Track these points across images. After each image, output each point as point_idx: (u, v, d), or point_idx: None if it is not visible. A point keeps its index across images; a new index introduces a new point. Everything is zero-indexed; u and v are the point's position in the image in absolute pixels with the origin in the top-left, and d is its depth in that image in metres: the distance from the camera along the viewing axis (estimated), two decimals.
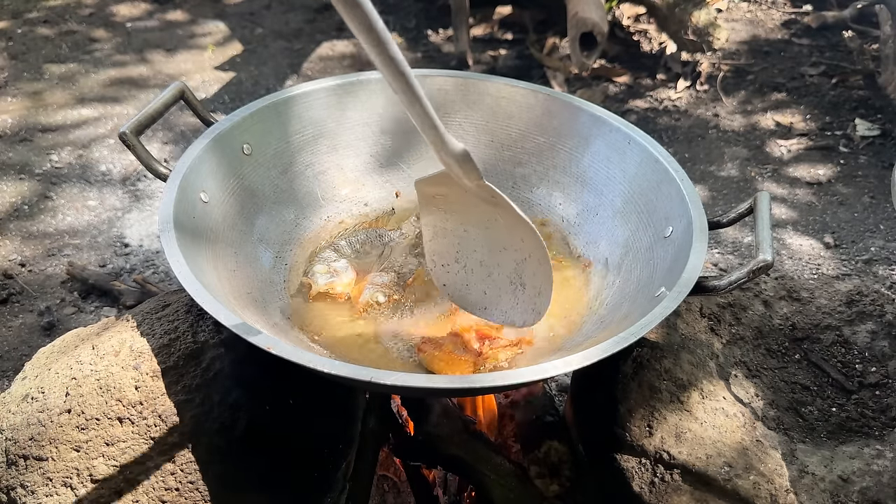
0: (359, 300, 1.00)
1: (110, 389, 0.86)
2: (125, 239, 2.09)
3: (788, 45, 3.11)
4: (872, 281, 1.94)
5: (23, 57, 3.01)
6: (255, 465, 0.86)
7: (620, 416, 0.92)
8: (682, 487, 0.88)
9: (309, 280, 1.01)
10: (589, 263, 1.07)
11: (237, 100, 2.79)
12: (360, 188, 1.19)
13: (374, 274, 1.03)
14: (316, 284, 1.00)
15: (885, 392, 0.98)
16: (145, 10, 3.48)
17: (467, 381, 0.72)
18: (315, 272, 1.02)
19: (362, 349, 0.95)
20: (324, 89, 1.14)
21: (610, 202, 1.09)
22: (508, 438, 1.23)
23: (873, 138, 2.52)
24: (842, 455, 0.90)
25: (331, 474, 0.91)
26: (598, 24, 2.49)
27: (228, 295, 0.88)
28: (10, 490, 0.83)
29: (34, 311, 1.84)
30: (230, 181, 1.03)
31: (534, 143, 1.18)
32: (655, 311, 0.78)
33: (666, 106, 2.75)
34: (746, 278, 0.82)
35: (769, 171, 2.40)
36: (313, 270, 1.02)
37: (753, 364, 1.02)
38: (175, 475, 0.82)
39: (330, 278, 1.01)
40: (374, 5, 0.60)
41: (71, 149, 2.46)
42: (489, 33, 3.27)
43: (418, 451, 1.11)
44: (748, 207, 0.93)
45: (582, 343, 0.92)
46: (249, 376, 0.89)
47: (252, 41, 3.22)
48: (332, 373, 0.70)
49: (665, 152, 1.03)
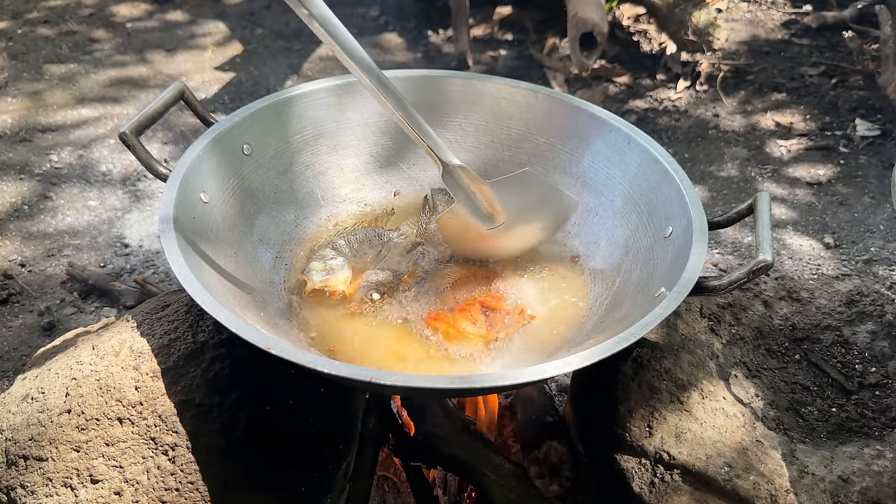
0: (353, 297, 1.00)
1: (110, 390, 0.86)
2: (125, 239, 2.09)
3: (788, 46, 3.11)
4: (872, 281, 1.94)
5: (23, 57, 3.01)
6: (255, 465, 0.86)
7: (620, 416, 0.92)
8: (682, 488, 0.88)
9: (304, 277, 1.01)
10: (577, 257, 1.08)
11: (237, 100, 2.79)
12: (360, 188, 1.19)
13: (370, 272, 1.03)
14: (311, 281, 1.00)
15: (884, 392, 0.98)
16: (145, 10, 3.48)
17: (467, 381, 0.72)
18: (311, 269, 1.02)
19: (362, 349, 0.95)
20: (324, 90, 1.14)
21: (610, 202, 1.09)
22: (508, 438, 1.23)
23: (873, 138, 2.52)
24: (842, 455, 0.90)
25: (331, 474, 0.91)
26: (598, 25, 2.50)
27: (228, 295, 0.88)
28: (9, 490, 0.83)
29: (34, 311, 1.84)
30: (230, 181, 1.03)
31: (534, 143, 1.18)
32: (655, 311, 0.78)
33: (666, 106, 2.75)
34: (746, 278, 0.82)
35: (769, 172, 2.40)
36: (309, 267, 1.03)
37: (753, 364, 1.02)
38: (175, 475, 0.82)
39: (326, 276, 1.01)
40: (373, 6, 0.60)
41: (71, 149, 2.46)
42: (489, 34, 3.28)
43: (418, 452, 1.11)
44: (748, 207, 0.93)
45: (582, 343, 0.92)
46: (249, 376, 0.89)
47: (252, 41, 3.22)
48: (331, 373, 0.70)
49: (665, 152, 1.03)
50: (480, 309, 0.98)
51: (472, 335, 0.95)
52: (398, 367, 0.92)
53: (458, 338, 0.95)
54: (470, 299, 0.99)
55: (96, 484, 0.81)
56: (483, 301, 0.99)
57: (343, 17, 0.82)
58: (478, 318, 0.97)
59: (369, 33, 3.24)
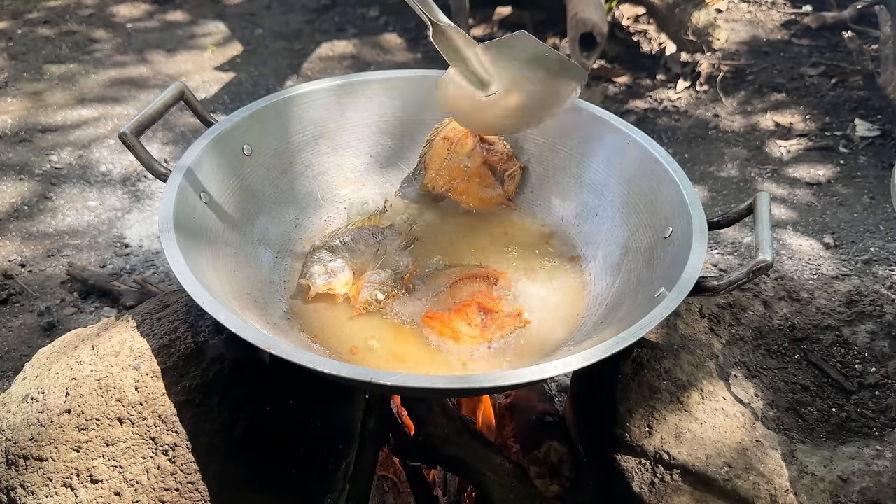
0: (357, 299, 1.00)
1: (110, 390, 0.86)
2: (125, 239, 2.09)
3: (788, 46, 3.11)
4: (872, 281, 1.94)
5: (23, 57, 3.02)
6: (255, 465, 0.86)
7: (620, 416, 0.92)
8: (681, 488, 0.88)
9: (307, 282, 1.01)
10: (577, 257, 1.08)
11: (237, 100, 2.79)
12: (360, 188, 1.19)
13: (371, 272, 1.03)
14: (315, 286, 1.00)
15: (884, 392, 0.98)
16: (145, 10, 3.48)
17: (467, 382, 0.72)
18: (312, 273, 1.02)
19: (362, 349, 0.95)
20: (324, 90, 1.14)
21: (610, 203, 1.09)
22: (508, 438, 1.23)
23: (873, 139, 2.52)
24: (841, 455, 0.90)
25: (331, 474, 0.91)
26: (598, 25, 2.50)
27: (228, 295, 0.88)
28: (9, 490, 0.83)
29: (34, 311, 1.84)
30: (230, 181, 1.03)
31: (533, 143, 1.18)
32: (655, 311, 0.78)
33: (666, 106, 2.75)
34: (746, 279, 0.82)
35: (769, 172, 2.40)
36: (311, 272, 1.02)
37: (753, 364, 1.02)
38: (175, 475, 0.82)
39: (328, 279, 1.01)
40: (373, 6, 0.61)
41: (71, 149, 2.47)
42: (489, 34, 3.28)
43: (418, 452, 1.11)
44: (748, 208, 0.93)
45: (582, 343, 0.92)
46: (249, 376, 0.89)
47: (252, 42, 3.22)
48: (332, 373, 0.70)
49: (665, 153, 1.03)
50: (478, 310, 0.98)
51: (466, 336, 0.95)
52: (398, 367, 0.92)
53: (452, 337, 0.95)
54: (467, 300, 0.99)
55: (96, 484, 0.81)
56: (481, 302, 0.99)
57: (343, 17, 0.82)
58: (474, 319, 0.97)
59: (369, 33, 3.25)
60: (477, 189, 1.14)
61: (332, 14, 3.41)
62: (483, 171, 1.14)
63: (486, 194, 1.15)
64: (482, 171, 1.14)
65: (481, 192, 1.14)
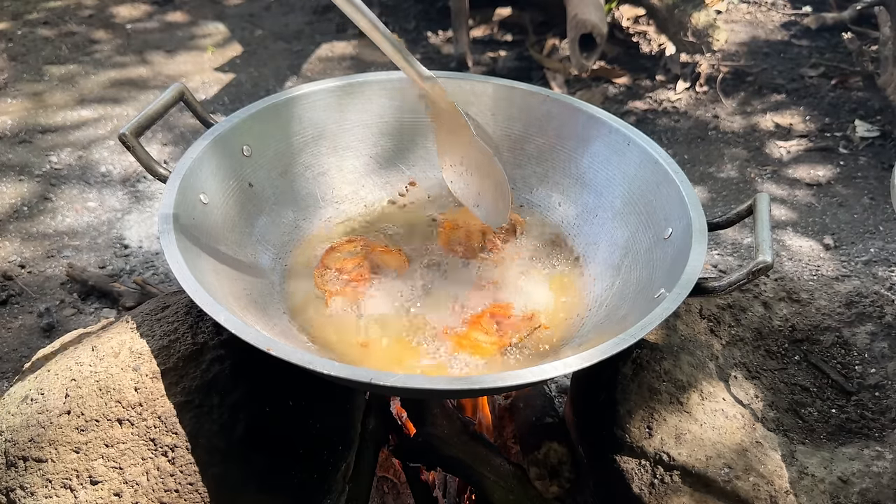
0: (328, 287, 1.02)
1: (110, 391, 0.86)
2: (125, 240, 2.09)
3: (788, 47, 3.11)
4: (872, 282, 1.94)
5: (23, 58, 3.02)
6: (255, 466, 0.86)
7: (620, 417, 0.92)
8: (681, 489, 0.88)
9: (328, 289, 1.03)
10: (577, 258, 1.09)
11: (237, 101, 2.79)
12: (360, 189, 1.19)
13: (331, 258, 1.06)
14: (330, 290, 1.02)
15: (884, 393, 0.98)
16: (145, 11, 3.49)
17: (467, 382, 0.72)
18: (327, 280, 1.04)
19: (362, 349, 0.95)
20: (324, 91, 1.14)
21: (609, 203, 1.09)
22: (508, 440, 1.23)
23: (873, 139, 2.52)
24: (841, 456, 0.90)
25: (330, 476, 0.91)
26: (598, 26, 2.50)
27: (228, 296, 0.88)
28: (9, 491, 0.83)
29: (34, 312, 1.84)
30: (230, 182, 1.03)
31: (533, 144, 1.18)
32: (655, 312, 0.78)
33: (665, 107, 2.75)
34: (746, 279, 0.82)
35: (769, 173, 2.41)
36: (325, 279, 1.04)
37: (753, 365, 1.02)
38: (175, 477, 0.82)
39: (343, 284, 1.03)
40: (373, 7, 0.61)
41: (71, 150, 2.47)
42: (489, 35, 3.28)
43: (418, 453, 1.11)
44: (747, 209, 0.93)
45: (581, 344, 0.92)
46: (249, 377, 0.89)
47: (252, 42, 3.23)
48: (332, 374, 0.70)
49: (664, 153, 1.03)
50: (491, 320, 0.98)
51: (486, 344, 0.95)
52: (398, 367, 0.92)
53: (471, 349, 0.95)
54: (479, 312, 1.00)
55: (96, 485, 0.81)
56: (493, 312, 0.99)
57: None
58: (489, 329, 0.97)
59: None
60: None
61: (331, 15, 3.41)
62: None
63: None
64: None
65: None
